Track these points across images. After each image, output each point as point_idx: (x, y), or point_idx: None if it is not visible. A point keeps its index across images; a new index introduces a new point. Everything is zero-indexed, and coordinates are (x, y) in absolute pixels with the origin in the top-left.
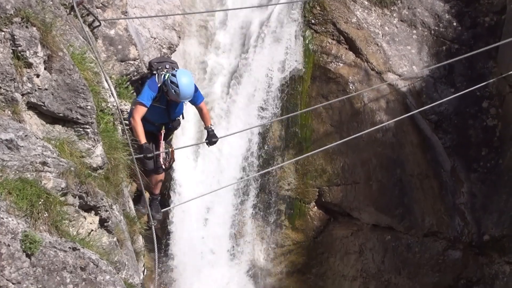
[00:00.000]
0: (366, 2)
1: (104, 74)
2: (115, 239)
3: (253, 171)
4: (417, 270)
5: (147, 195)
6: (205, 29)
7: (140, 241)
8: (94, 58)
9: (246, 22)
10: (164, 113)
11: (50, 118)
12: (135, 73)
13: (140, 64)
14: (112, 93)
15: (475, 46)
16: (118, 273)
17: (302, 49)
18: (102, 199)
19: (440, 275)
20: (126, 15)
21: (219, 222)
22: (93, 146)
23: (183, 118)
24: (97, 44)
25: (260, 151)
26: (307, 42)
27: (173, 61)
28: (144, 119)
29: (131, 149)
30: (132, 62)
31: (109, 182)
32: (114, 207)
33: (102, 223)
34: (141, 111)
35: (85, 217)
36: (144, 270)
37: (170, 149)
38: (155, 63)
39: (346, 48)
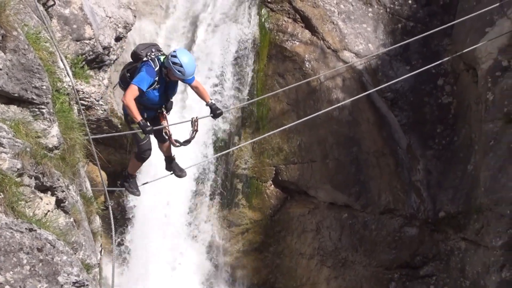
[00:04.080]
0: None
1: (59, 54)
2: (72, 219)
3: (210, 149)
4: (373, 247)
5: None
6: (160, 8)
7: (97, 221)
8: (49, 38)
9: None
10: (163, 95)
11: (5, 98)
12: (91, 53)
13: (95, 44)
14: (67, 73)
15: (430, 23)
16: (75, 253)
17: (257, 28)
18: (59, 180)
19: (396, 252)
20: None
21: (176, 201)
22: (49, 127)
23: None
24: (52, 24)
25: (217, 130)
26: (263, 20)
27: (155, 43)
28: (144, 107)
29: (87, 129)
30: (87, 41)
31: (65, 163)
32: (70, 187)
33: (59, 203)
34: (135, 93)
35: (41, 198)
36: (101, 250)
37: (195, 117)
38: (142, 50)
39: (302, 27)
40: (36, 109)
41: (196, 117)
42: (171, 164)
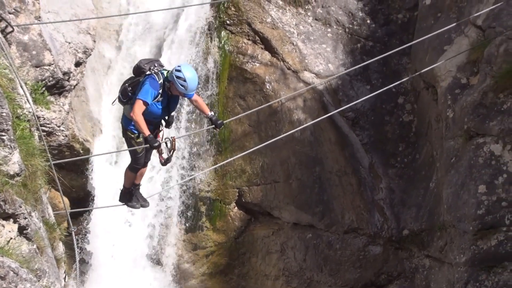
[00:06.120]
0: (281, 2)
1: (19, 80)
2: (35, 246)
3: (174, 172)
4: (338, 266)
5: (67, 201)
6: (117, 33)
7: (61, 247)
8: (8, 64)
9: (158, 24)
10: (165, 109)
11: None
12: (51, 78)
13: (55, 69)
14: (27, 99)
15: (389, 43)
16: (39, 281)
17: (217, 50)
18: (21, 207)
19: (361, 271)
20: (39, 20)
21: (140, 225)
22: (10, 153)
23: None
24: (11, 50)
25: (179, 152)
26: (223, 43)
27: (157, 59)
28: (146, 121)
29: (49, 155)
30: (47, 67)
31: (27, 189)
32: (33, 214)
33: (21, 230)
34: (142, 107)
35: (3, 225)
36: (65, 276)
37: (172, 138)
38: (145, 64)
39: (262, 48)
40: None
41: (173, 137)
42: (135, 192)
